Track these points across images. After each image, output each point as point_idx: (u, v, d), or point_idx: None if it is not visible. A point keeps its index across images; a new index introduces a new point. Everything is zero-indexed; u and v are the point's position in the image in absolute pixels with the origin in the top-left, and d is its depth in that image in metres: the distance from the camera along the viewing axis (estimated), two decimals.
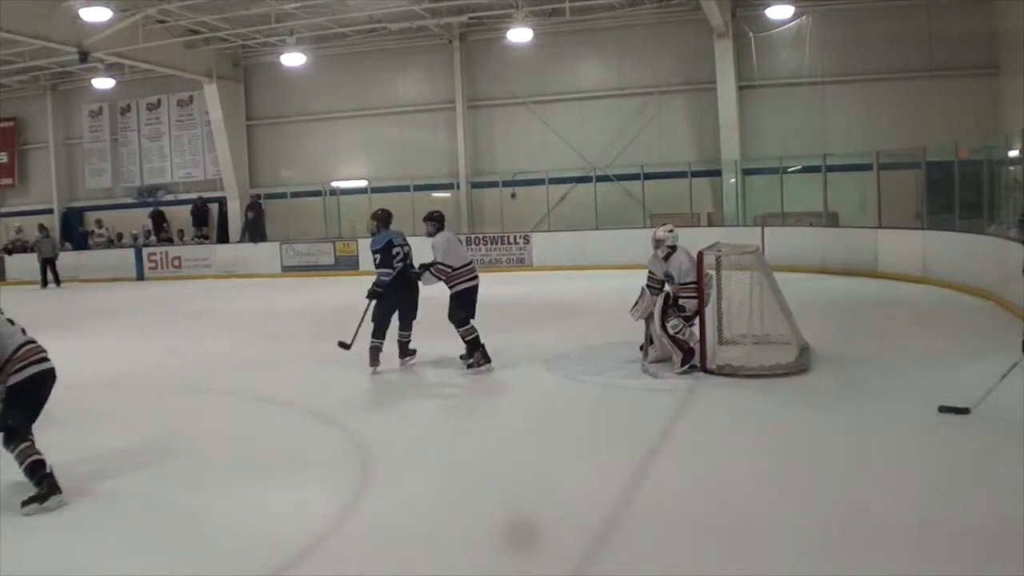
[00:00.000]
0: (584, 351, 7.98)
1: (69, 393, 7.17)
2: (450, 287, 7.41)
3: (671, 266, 6.96)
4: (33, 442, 4.35)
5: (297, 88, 20.02)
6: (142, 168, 21.97)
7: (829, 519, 3.79)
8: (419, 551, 3.67)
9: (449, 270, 7.37)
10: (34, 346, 4.55)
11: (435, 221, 7.63)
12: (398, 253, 7.46)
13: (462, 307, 7.36)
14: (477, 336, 7.36)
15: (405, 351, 7.75)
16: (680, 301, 6.86)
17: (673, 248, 7.00)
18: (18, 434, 4.33)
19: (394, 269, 7.38)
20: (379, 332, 7.46)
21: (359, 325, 7.54)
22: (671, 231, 7.08)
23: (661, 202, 17.53)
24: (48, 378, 4.54)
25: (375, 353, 7.48)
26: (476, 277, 7.52)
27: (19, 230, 21.85)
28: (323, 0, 16.25)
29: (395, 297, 7.43)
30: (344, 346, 7.61)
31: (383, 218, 7.65)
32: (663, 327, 6.87)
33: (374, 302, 7.45)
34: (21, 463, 4.28)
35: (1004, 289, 9.33)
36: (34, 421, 4.45)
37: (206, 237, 20.88)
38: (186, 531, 4.00)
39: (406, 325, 7.71)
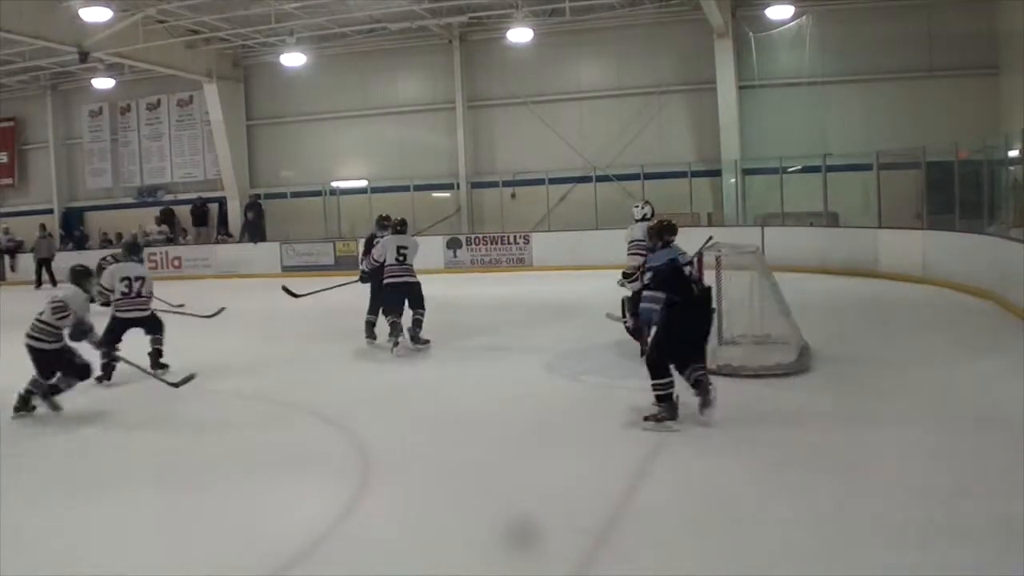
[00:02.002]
0: (584, 351, 7.98)
1: (69, 392, 7.19)
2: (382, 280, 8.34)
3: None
4: None
5: (297, 88, 20.02)
6: (142, 168, 21.96)
7: (829, 519, 3.79)
8: (419, 551, 3.67)
9: (377, 264, 8.34)
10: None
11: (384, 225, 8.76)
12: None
13: (384, 299, 8.32)
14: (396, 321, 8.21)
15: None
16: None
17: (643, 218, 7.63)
18: None
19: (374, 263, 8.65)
20: (373, 311, 8.73)
21: (323, 289, 9.32)
22: (637, 206, 7.98)
23: (661, 202, 17.35)
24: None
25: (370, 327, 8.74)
26: (404, 276, 8.24)
27: (7, 231, 21.54)
28: (323, 0, 16.26)
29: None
30: (291, 293, 9.37)
31: (383, 224, 8.84)
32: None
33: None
34: None
35: (1004, 289, 9.33)
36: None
37: (229, 235, 20.74)
38: (186, 531, 3.99)
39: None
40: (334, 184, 20.00)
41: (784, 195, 15.84)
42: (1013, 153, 11.22)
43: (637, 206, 8.02)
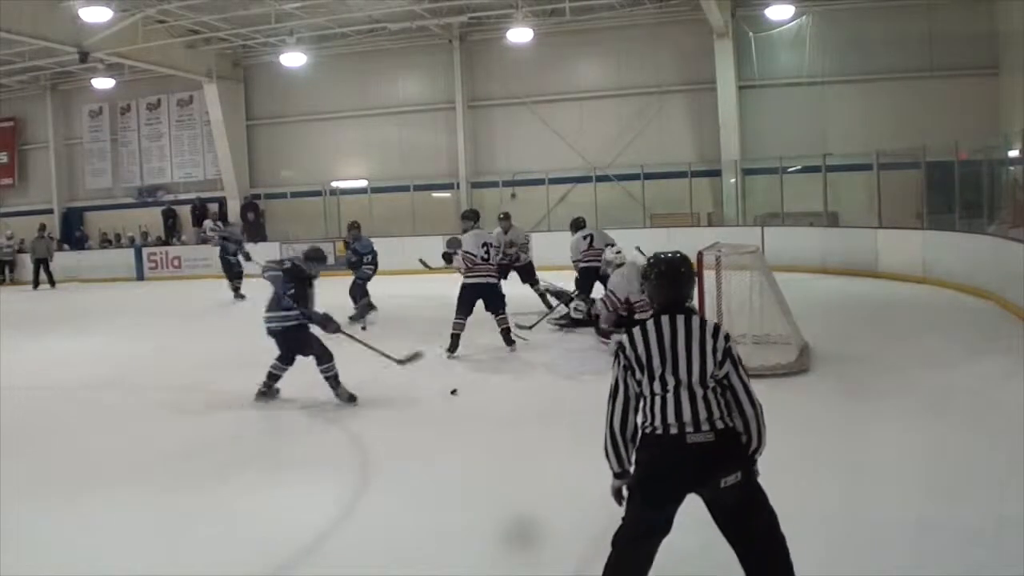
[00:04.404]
0: (584, 351, 7.98)
1: (68, 393, 7.21)
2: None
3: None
4: None
5: (297, 88, 20.01)
6: (142, 168, 21.97)
7: (829, 519, 3.79)
8: (419, 551, 3.67)
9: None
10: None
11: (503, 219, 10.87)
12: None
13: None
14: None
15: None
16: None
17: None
18: None
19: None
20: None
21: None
22: (619, 251, 8.33)
23: (661, 202, 17.54)
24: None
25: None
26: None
27: (10, 237, 21.32)
28: (323, 0, 16.26)
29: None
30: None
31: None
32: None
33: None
34: None
35: (1004, 289, 9.33)
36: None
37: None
38: (186, 531, 3.99)
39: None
40: (334, 184, 20.00)
41: (784, 195, 15.85)
42: (1013, 153, 11.23)
43: (619, 251, 8.34)
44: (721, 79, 16.83)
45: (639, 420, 2.70)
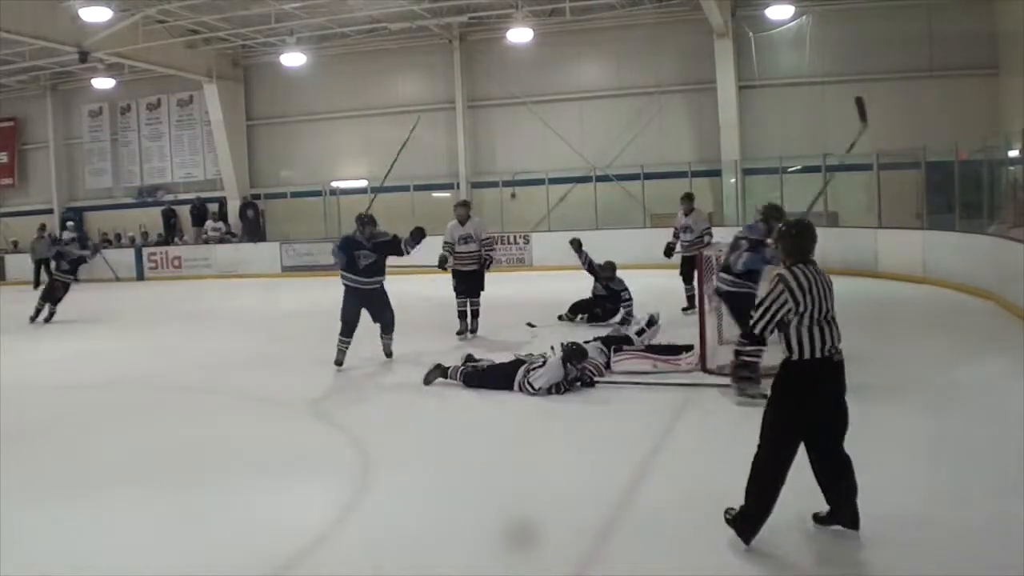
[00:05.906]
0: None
1: (68, 393, 7.21)
2: None
3: None
4: None
5: (297, 88, 20.02)
6: (142, 168, 21.98)
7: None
8: (419, 551, 3.67)
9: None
10: None
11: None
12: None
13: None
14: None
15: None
16: None
17: None
18: None
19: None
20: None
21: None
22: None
23: (661, 202, 17.49)
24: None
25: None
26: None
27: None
28: (323, 0, 16.27)
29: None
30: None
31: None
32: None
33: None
34: None
35: (1004, 289, 9.34)
36: None
37: (233, 234, 20.69)
38: (186, 531, 3.99)
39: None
40: (334, 184, 20.00)
41: (784, 195, 15.84)
42: (1013, 153, 11.23)
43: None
44: (721, 79, 16.83)
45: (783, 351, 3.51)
